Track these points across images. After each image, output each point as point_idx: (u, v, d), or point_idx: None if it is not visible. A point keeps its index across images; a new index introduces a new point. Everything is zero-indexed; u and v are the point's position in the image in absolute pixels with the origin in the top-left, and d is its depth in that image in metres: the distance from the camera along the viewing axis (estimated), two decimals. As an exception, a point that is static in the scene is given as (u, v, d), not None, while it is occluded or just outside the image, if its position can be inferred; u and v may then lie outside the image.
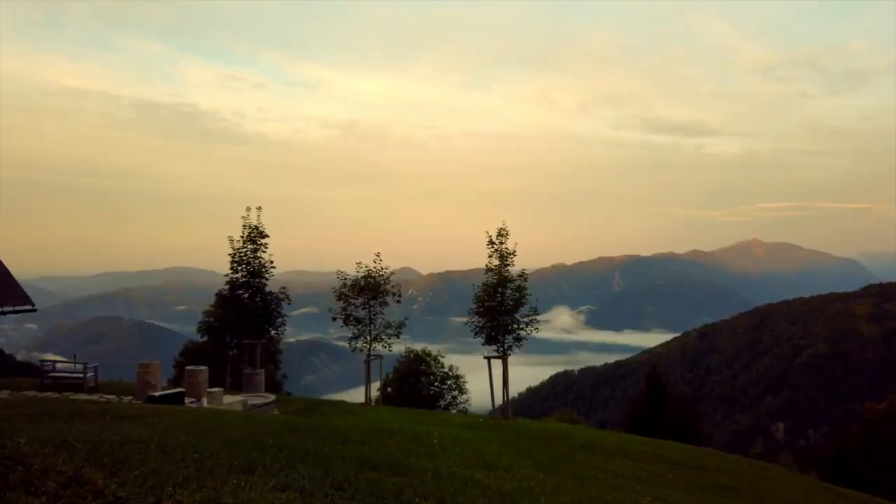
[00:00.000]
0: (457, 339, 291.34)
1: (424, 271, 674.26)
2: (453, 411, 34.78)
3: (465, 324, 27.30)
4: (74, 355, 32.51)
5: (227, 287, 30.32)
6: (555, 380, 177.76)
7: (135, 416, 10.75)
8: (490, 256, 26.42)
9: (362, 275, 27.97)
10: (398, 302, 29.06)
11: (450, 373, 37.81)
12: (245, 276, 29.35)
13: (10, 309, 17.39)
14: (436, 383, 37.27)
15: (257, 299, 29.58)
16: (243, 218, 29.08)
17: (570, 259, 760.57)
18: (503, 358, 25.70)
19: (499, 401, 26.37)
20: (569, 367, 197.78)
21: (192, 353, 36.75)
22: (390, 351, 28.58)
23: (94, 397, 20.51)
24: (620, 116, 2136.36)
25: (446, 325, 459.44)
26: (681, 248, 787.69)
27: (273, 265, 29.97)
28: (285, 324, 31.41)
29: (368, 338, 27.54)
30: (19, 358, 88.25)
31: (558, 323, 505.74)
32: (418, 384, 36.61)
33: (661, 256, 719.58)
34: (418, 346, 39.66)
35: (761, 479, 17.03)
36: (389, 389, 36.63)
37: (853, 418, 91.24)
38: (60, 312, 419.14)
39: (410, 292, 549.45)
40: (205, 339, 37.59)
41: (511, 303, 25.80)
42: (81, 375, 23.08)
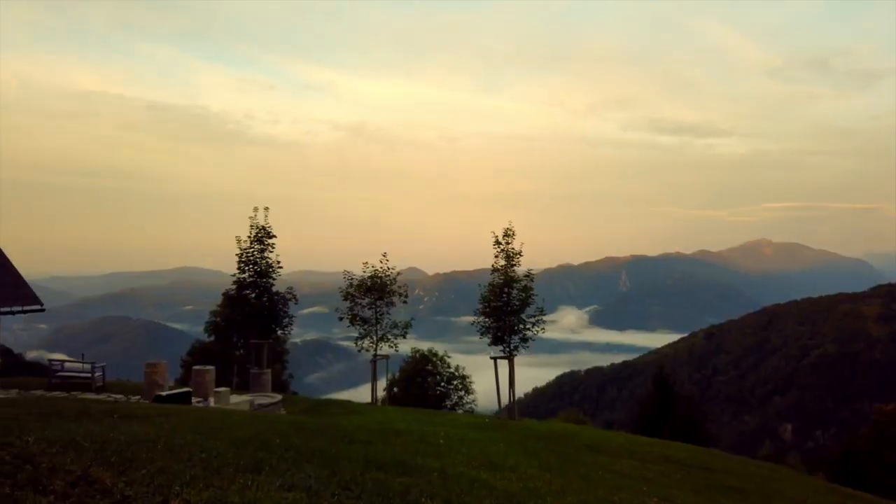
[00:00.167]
0: (463, 339, 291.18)
1: (431, 271, 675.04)
2: (459, 411, 34.78)
3: (472, 324, 27.29)
4: (83, 355, 32.67)
5: (234, 287, 30.43)
6: (561, 380, 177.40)
7: (142, 416, 10.80)
8: (496, 257, 26.41)
9: (369, 275, 28.01)
10: (404, 302, 29.07)
11: (456, 373, 37.80)
12: (252, 277, 29.45)
13: (19, 309, 17.50)
14: (442, 383, 37.27)
15: (264, 299, 29.67)
16: (250, 218, 29.19)
17: (576, 259, 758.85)
18: (509, 358, 25.68)
19: (505, 401, 26.34)
20: (575, 368, 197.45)
21: (199, 353, 36.88)
22: (397, 351, 28.58)
23: (101, 397, 20.62)
24: (628, 118, 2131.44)
25: (452, 326, 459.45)
26: (688, 249, 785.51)
27: (280, 265, 30.06)
28: (292, 324, 31.50)
29: (375, 338, 27.57)
30: (28, 357, 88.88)
31: (564, 323, 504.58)
32: (424, 384, 36.61)
33: (667, 256, 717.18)
34: (424, 346, 39.68)
35: (769, 480, 16.95)
36: (396, 389, 36.66)
37: (861, 419, 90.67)
38: (69, 312, 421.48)
39: (417, 292, 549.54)
40: (212, 338, 37.72)
41: (517, 303, 25.77)
42: (89, 375, 23.20)
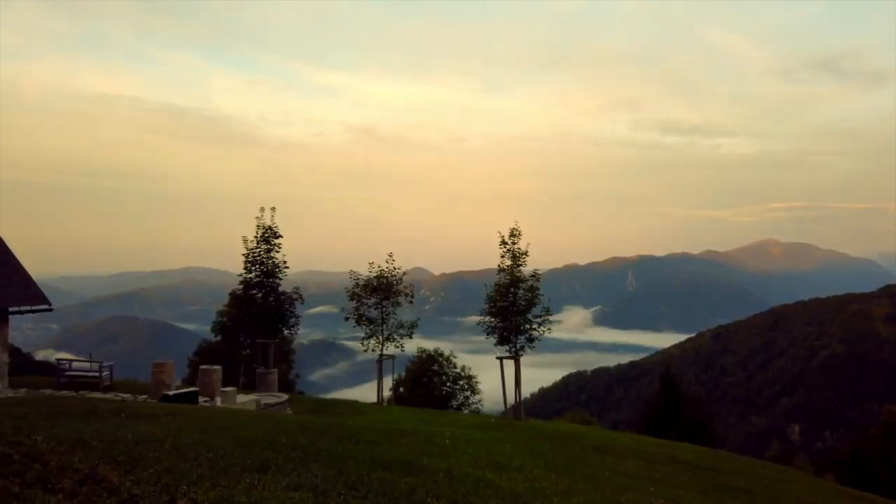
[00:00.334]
0: (469, 339, 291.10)
1: (436, 271, 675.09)
2: (465, 412, 34.76)
3: (478, 324, 27.27)
4: (90, 354, 32.81)
5: (241, 287, 30.51)
6: (567, 380, 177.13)
7: (149, 415, 10.85)
8: (502, 257, 26.37)
9: (375, 275, 28.04)
10: (410, 302, 29.08)
11: (462, 373, 37.78)
12: (259, 276, 29.51)
13: (28, 308, 17.63)
14: (448, 383, 37.26)
15: (271, 299, 29.74)
16: (257, 218, 29.24)
17: (583, 259, 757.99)
18: (515, 358, 25.65)
19: (511, 401, 26.32)
20: (581, 368, 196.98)
21: (205, 353, 37.00)
22: (402, 351, 28.59)
23: (109, 396, 20.72)
24: (635, 118, 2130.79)
25: (458, 326, 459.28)
26: (695, 249, 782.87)
27: (286, 265, 30.10)
28: (298, 323, 31.54)
29: (381, 338, 27.60)
30: (37, 357, 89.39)
31: (571, 323, 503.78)
32: (430, 384, 36.62)
33: (674, 256, 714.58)
34: (430, 346, 39.68)
35: (776, 481, 16.86)
36: (402, 389, 36.68)
37: (870, 420, 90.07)
38: (77, 312, 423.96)
39: (422, 292, 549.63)
40: (219, 338, 37.83)
41: (523, 303, 25.73)
42: (97, 374, 23.32)
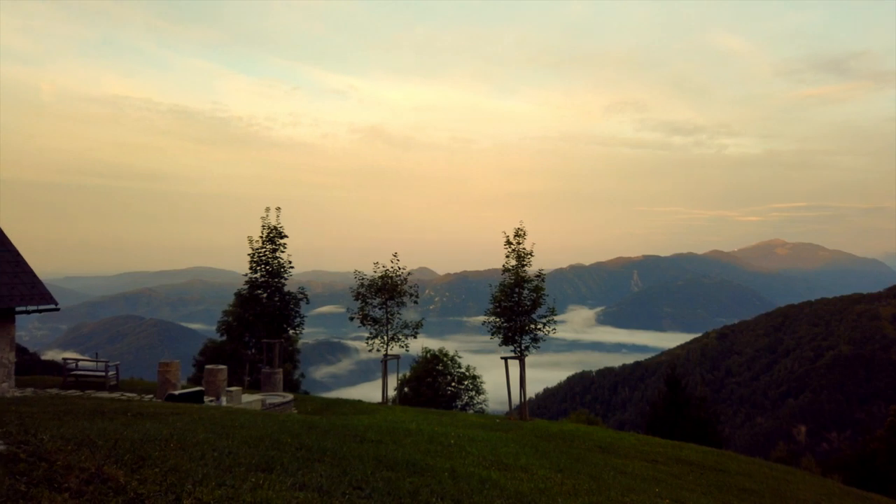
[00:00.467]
0: (474, 339, 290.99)
1: (441, 271, 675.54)
2: (470, 411, 34.74)
3: (483, 324, 27.25)
4: (96, 354, 33.03)
5: (246, 287, 30.59)
6: (572, 380, 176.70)
7: (155, 414, 10.89)
8: (507, 257, 26.36)
9: (379, 275, 28.06)
10: (415, 302, 29.09)
11: (467, 373, 37.77)
12: (264, 276, 29.58)
13: (35, 308, 17.68)
14: (452, 383, 37.25)
15: (276, 299, 29.80)
16: (262, 218, 29.32)
17: (588, 259, 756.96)
18: (520, 358, 25.62)
19: (516, 401, 26.29)
20: (586, 368, 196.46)
21: (211, 352, 37.06)
22: (407, 351, 28.61)
23: (115, 395, 20.80)
24: (642, 119, 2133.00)
25: (463, 326, 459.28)
26: (701, 249, 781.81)
27: (291, 265, 30.16)
28: (303, 323, 31.60)
29: (385, 337, 27.61)
30: (44, 356, 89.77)
31: (576, 323, 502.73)
32: (435, 384, 36.61)
33: (680, 256, 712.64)
34: (435, 346, 39.67)
35: (783, 482, 16.79)
36: (406, 389, 36.68)
37: (877, 421, 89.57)
38: (83, 311, 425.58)
39: (427, 292, 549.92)
40: (224, 338, 37.89)
41: (528, 303, 25.70)
42: (103, 373, 23.44)
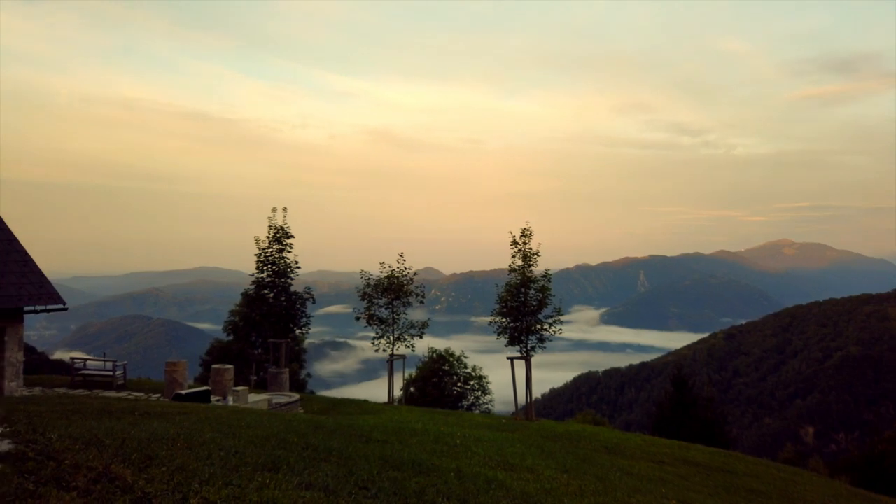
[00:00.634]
0: (480, 339, 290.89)
1: (447, 271, 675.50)
2: (476, 412, 34.72)
3: (489, 324, 27.23)
4: (104, 353, 33.14)
5: (253, 287, 30.67)
6: (578, 381, 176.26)
7: (162, 414, 10.93)
8: (513, 257, 26.32)
9: (385, 275, 28.07)
10: (421, 302, 29.08)
11: (473, 373, 37.75)
12: (271, 276, 29.66)
13: (43, 308, 17.79)
14: (459, 384, 37.23)
15: (282, 299, 29.87)
16: (269, 219, 29.39)
17: (594, 259, 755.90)
18: (526, 359, 25.59)
19: (522, 401, 26.26)
20: (592, 368, 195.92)
21: (218, 352, 37.17)
22: (413, 351, 28.61)
23: (122, 395, 20.90)
24: (649, 120, 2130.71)
25: (469, 326, 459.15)
26: (708, 249, 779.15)
27: (298, 265, 30.23)
28: (310, 323, 31.65)
29: (392, 337, 27.63)
30: (52, 356, 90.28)
31: (582, 323, 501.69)
32: (441, 384, 36.61)
33: (687, 256, 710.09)
34: (441, 346, 39.67)
35: (790, 483, 16.70)
36: (412, 389, 36.69)
37: (885, 422, 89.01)
38: (91, 311, 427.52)
39: (433, 293, 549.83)
40: (231, 338, 38.02)
41: (534, 303, 25.66)
42: (111, 373, 23.55)
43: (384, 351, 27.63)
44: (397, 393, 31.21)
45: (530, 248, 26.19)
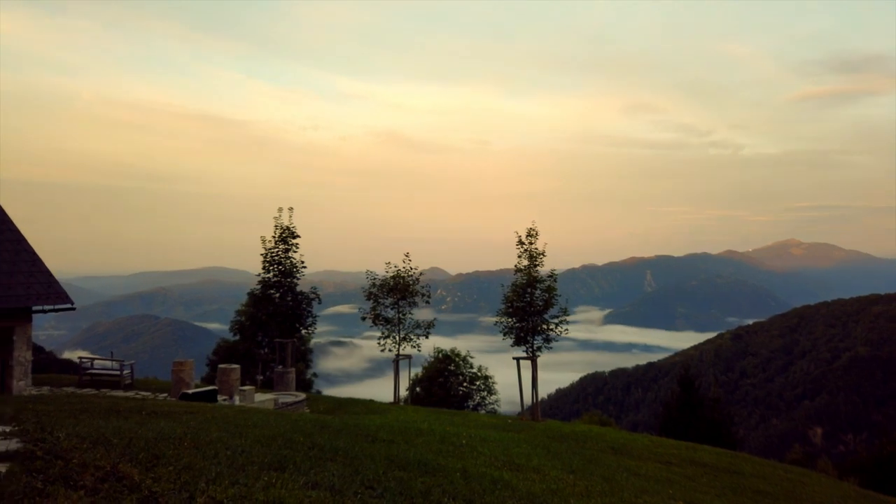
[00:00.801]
0: (486, 339, 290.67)
1: (453, 271, 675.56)
2: (482, 412, 34.70)
3: (495, 324, 27.20)
4: (111, 353, 33.33)
5: (259, 286, 30.76)
6: (585, 381, 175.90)
7: (169, 413, 10.97)
8: (519, 257, 26.29)
9: (391, 275, 28.08)
10: (427, 302, 29.07)
11: (479, 373, 37.72)
12: (277, 276, 29.74)
13: (51, 307, 17.89)
14: (464, 384, 37.22)
15: (288, 299, 29.95)
16: (275, 219, 29.49)
17: (601, 259, 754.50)
18: (532, 359, 25.55)
19: (528, 402, 26.22)
20: (598, 369, 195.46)
21: (224, 352, 37.24)
22: (419, 351, 28.61)
23: (130, 394, 20.99)
24: (657, 121, 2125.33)
25: (475, 326, 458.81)
26: (715, 249, 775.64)
27: (304, 265, 30.30)
28: (315, 323, 31.72)
29: (397, 337, 27.64)
30: (61, 355, 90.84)
31: (588, 323, 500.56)
32: (447, 384, 36.61)
33: (694, 256, 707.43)
34: (447, 346, 39.65)
35: (798, 484, 16.62)
36: (418, 389, 36.71)
37: (894, 423, 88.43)
38: (99, 311, 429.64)
39: (439, 292, 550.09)
40: (237, 337, 38.12)
41: (540, 303, 25.62)
42: (118, 372, 23.65)
43: (390, 351, 27.65)
44: (403, 393, 31.24)
45: (536, 248, 26.17)
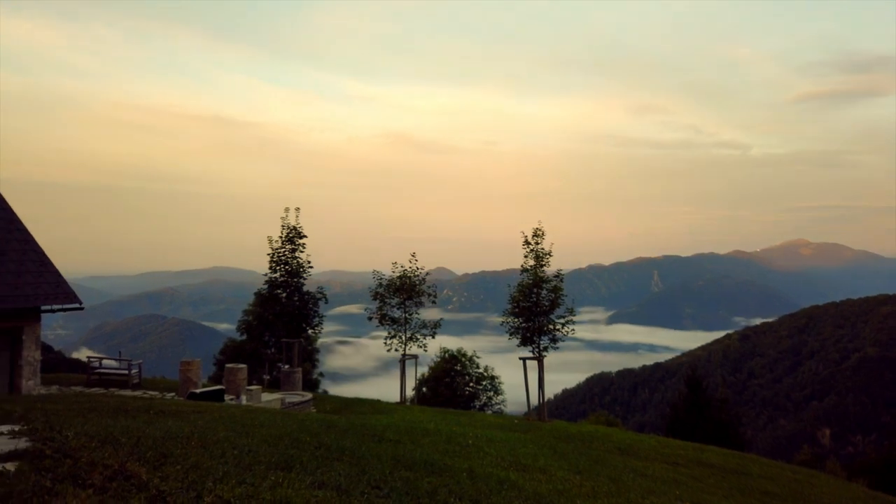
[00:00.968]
0: (492, 339, 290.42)
1: (459, 271, 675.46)
2: (488, 412, 34.69)
3: (501, 324, 27.17)
4: (119, 352, 33.52)
5: (266, 286, 30.84)
6: (591, 381, 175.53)
7: (177, 412, 11.02)
8: (526, 257, 26.25)
9: (398, 275, 28.11)
10: (433, 303, 29.08)
11: (485, 373, 37.70)
12: (284, 276, 29.82)
13: (60, 307, 18.00)
14: (471, 384, 37.20)
15: (295, 298, 30.02)
16: (282, 219, 29.56)
17: (608, 259, 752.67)
18: (539, 359, 25.52)
19: (534, 402, 26.18)
20: (605, 369, 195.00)
21: (231, 351, 37.39)
22: (425, 351, 28.62)
23: (138, 393, 21.10)
24: (665, 121, 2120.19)
25: (481, 326, 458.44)
26: (722, 249, 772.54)
27: (310, 265, 30.36)
28: (322, 323, 31.78)
29: (404, 337, 27.66)
30: (69, 355, 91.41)
31: (594, 323, 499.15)
32: (453, 384, 36.61)
33: (701, 256, 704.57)
34: (453, 346, 39.65)
35: (806, 486, 16.53)
36: (424, 389, 36.73)
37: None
38: (106, 311, 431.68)
39: (445, 293, 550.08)
40: (244, 337, 38.25)
41: (547, 303, 25.57)
42: (126, 372, 23.80)
43: (396, 350, 27.67)
44: (409, 393, 31.26)
45: (542, 249, 26.11)
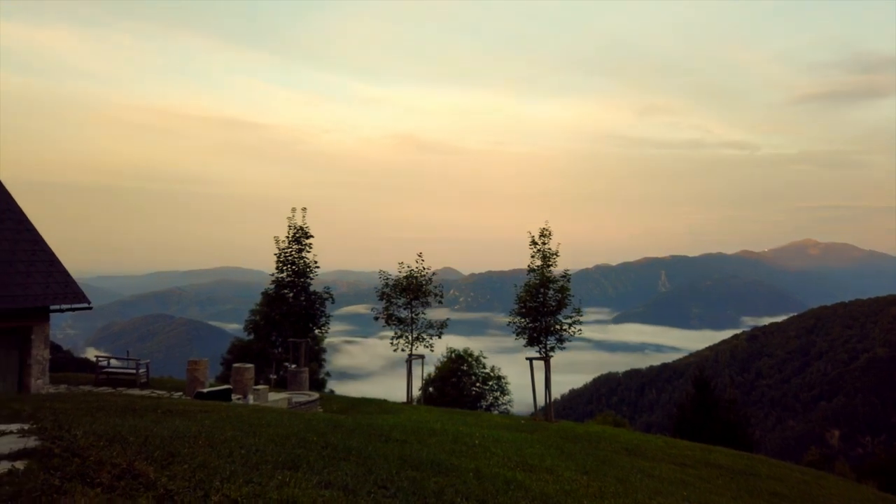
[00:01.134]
0: (498, 339, 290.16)
1: (466, 271, 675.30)
2: (495, 412, 34.66)
3: (507, 324, 27.14)
4: (127, 352, 33.66)
5: (273, 286, 30.92)
6: (598, 382, 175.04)
7: (184, 412, 11.06)
8: (532, 257, 26.20)
9: (404, 275, 28.11)
10: (440, 302, 29.06)
11: (492, 373, 37.67)
12: (290, 276, 29.87)
13: (68, 307, 18.11)
14: (477, 384, 37.19)
15: (302, 298, 30.07)
16: (288, 219, 29.61)
17: (615, 259, 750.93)
18: (545, 359, 25.47)
19: (541, 402, 26.13)
20: (612, 369, 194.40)
21: (238, 351, 37.53)
22: (432, 351, 28.61)
23: (145, 393, 21.19)
24: (673, 122, 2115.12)
25: (487, 326, 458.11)
26: (730, 249, 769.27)
27: (317, 265, 30.42)
28: (329, 323, 31.83)
29: (410, 337, 27.66)
30: (78, 354, 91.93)
31: (602, 324, 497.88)
32: (460, 384, 36.60)
33: (709, 256, 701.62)
34: (460, 346, 39.64)
35: (815, 487, 16.43)
36: (431, 389, 36.73)
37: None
38: (114, 310, 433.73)
39: (452, 292, 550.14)
40: (251, 337, 38.37)
41: (553, 303, 25.51)
42: (134, 371, 23.91)
43: (402, 350, 27.68)
44: (416, 392, 31.26)
45: (549, 249, 26.06)
